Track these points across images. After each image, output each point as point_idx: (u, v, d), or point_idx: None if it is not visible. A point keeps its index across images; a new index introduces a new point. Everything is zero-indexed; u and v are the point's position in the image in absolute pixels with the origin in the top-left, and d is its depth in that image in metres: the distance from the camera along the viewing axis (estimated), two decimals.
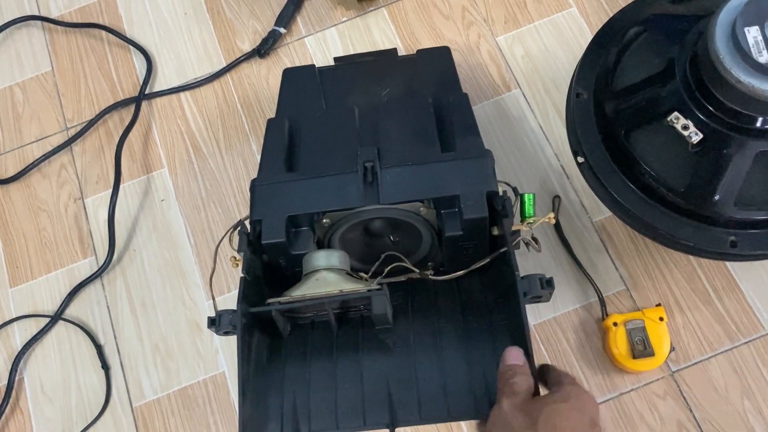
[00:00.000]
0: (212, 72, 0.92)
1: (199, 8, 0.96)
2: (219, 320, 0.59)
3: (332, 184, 0.64)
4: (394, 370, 0.61)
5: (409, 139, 0.68)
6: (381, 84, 0.79)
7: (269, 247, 0.62)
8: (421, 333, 0.64)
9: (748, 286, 0.76)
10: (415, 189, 0.63)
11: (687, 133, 0.60)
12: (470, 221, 0.61)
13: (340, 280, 0.61)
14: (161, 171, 0.89)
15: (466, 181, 0.62)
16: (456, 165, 0.63)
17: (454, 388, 0.60)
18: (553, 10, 0.90)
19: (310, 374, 0.62)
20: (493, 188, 0.62)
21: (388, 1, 0.94)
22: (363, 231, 0.68)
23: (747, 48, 0.55)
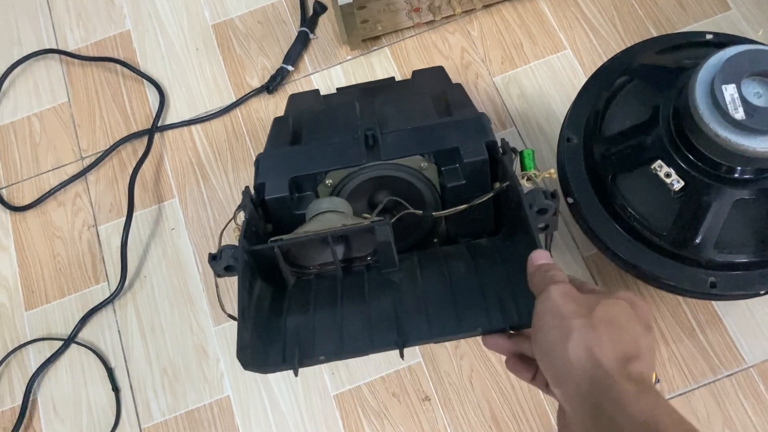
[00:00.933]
0: (222, 106, 0.97)
1: (210, 44, 1.01)
2: (220, 254, 0.59)
3: (334, 148, 0.67)
4: (402, 299, 0.59)
5: (407, 112, 0.72)
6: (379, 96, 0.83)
7: (273, 203, 0.64)
8: (429, 270, 0.62)
9: (730, 321, 0.80)
10: (416, 145, 0.66)
11: (669, 180, 0.64)
12: (471, 165, 0.63)
13: (342, 218, 0.63)
14: (172, 201, 0.93)
15: (464, 136, 0.65)
16: (453, 124, 0.67)
17: (465, 306, 0.57)
18: (548, 52, 0.95)
19: (314, 314, 0.59)
20: (491, 138, 0.65)
21: (390, 41, 0.98)
22: (366, 202, 0.69)
23: (724, 105, 0.59)
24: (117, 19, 1.04)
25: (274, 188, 0.65)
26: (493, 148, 0.65)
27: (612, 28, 0.95)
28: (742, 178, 0.63)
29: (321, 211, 0.63)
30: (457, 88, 0.75)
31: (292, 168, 0.66)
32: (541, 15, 0.97)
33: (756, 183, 0.64)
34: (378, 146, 0.66)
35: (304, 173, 0.65)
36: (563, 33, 0.95)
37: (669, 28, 0.94)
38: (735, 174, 0.63)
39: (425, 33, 0.98)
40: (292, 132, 0.73)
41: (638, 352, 0.43)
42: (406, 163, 0.66)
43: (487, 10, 0.98)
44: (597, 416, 0.42)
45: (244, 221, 0.61)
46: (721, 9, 0.94)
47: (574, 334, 0.43)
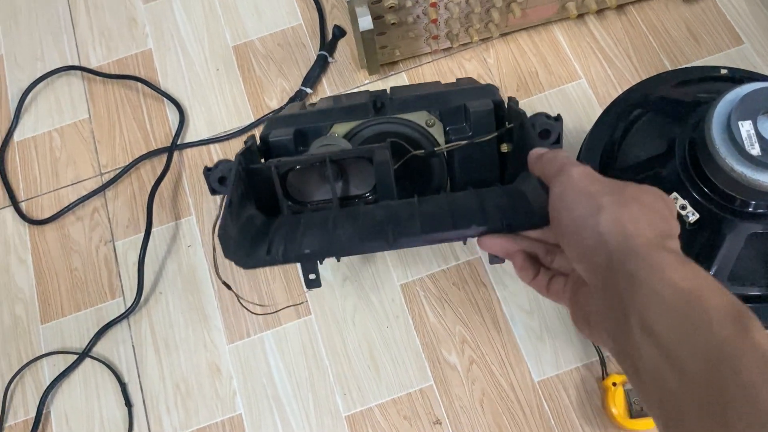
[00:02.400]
0: (241, 126, 0.98)
1: (231, 65, 1.03)
2: (216, 165, 0.58)
3: (342, 109, 0.68)
4: (396, 212, 0.55)
5: (417, 89, 0.73)
6: None
7: (276, 144, 0.64)
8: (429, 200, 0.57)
9: None
10: (422, 103, 0.67)
11: (684, 212, 0.65)
12: (476, 115, 0.63)
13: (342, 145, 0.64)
14: (189, 218, 0.94)
15: (472, 97, 0.66)
16: (461, 90, 0.68)
17: (461, 212, 0.53)
18: (563, 81, 0.96)
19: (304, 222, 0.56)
20: (498, 98, 0.65)
21: (408, 66, 1.00)
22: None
23: (740, 140, 0.60)
24: (139, 38, 1.06)
25: (278, 134, 0.66)
26: (500, 106, 0.64)
27: (626, 59, 0.96)
28: (757, 212, 0.64)
29: (323, 144, 0.64)
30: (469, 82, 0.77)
31: (299, 123, 0.67)
32: (557, 44, 0.98)
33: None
34: (385, 108, 0.68)
35: (308, 125, 0.67)
36: (578, 62, 0.97)
37: (683, 60, 0.95)
38: (749, 208, 0.64)
39: (442, 59, 0.99)
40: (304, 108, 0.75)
41: (673, 233, 0.41)
42: (412, 119, 0.66)
43: (503, 38, 0.99)
44: (632, 285, 0.38)
45: (245, 144, 0.61)
46: (734, 43, 0.96)
47: (606, 209, 0.40)
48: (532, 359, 0.82)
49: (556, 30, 0.99)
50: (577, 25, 0.99)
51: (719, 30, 0.97)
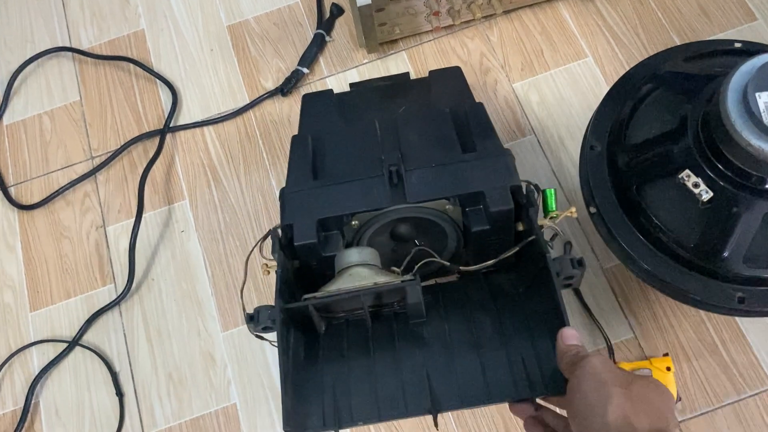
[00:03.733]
0: (235, 108, 0.95)
1: (225, 45, 1.00)
2: (257, 316, 0.61)
3: (359, 187, 0.66)
4: (432, 360, 0.62)
5: (430, 143, 0.71)
6: (397, 101, 0.82)
7: (301, 248, 0.64)
8: (456, 324, 0.65)
9: (755, 339, 0.77)
10: (441, 187, 0.65)
11: (697, 191, 0.62)
12: (496, 214, 0.63)
13: (373, 274, 0.63)
14: (182, 202, 0.91)
15: (489, 178, 0.64)
16: (478, 164, 0.66)
17: (493, 373, 0.60)
18: (569, 60, 0.93)
19: (349, 368, 0.63)
20: (516, 183, 0.64)
21: (408, 45, 0.96)
22: (389, 235, 0.70)
23: (758, 112, 0.57)
24: (131, 18, 1.03)
25: (301, 233, 0.64)
26: (518, 192, 0.64)
27: (635, 36, 0.93)
28: None
29: (351, 264, 0.63)
30: (479, 110, 0.73)
31: (318, 209, 0.65)
32: (563, 22, 0.95)
33: None
34: (402, 184, 0.65)
35: (330, 215, 0.65)
36: (584, 41, 0.93)
37: (693, 37, 0.92)
38: (766, 185, 0.61)
39: (444, 38, 0.96)
40: (313, 158, 0.72)
41: (670, 428, 0.48)
42: (432, 206, 0.65)
43: (507, 15, 0.96)
44: None
45: (277, 279, 0.61)
46: (747, 19, 0.92)
47: (614, 400, 0.47)
48: None
49: (562, 7, 0.96)
50: (583, 2, 0.95)
51: (731, 5, 0.93)
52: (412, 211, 0.65)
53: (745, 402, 0.75)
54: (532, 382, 0.58)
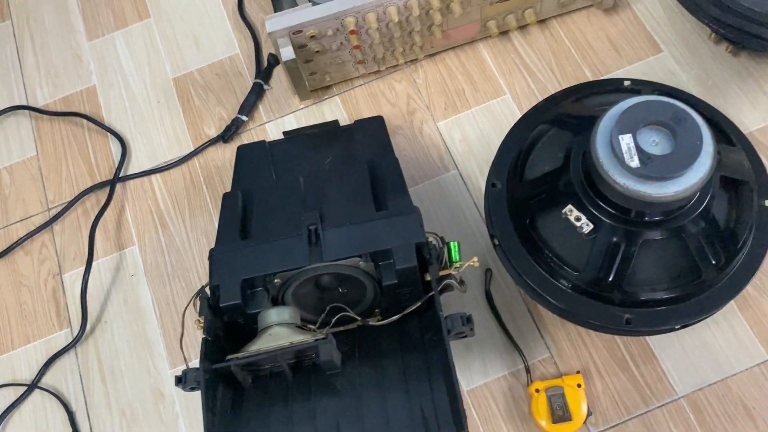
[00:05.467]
0: (181, 156, 1.01)
1: (171, 97, 1.06)
2: (185, 378, 0.67)
3: (281, 247, 0.73)
4: (343, 408, 0.69)
5: (347, 201, 0.78)
6: (324, 152, 0.89)
7: (227, 308, 0.71)
8: (367, 373, 0.72)
9: (662, 354, 0.82)
10: (354, 245, 0.71)
11: (579, 224, 0.68)
12: (402, 270, 0.69)
13: (290, 333, 0.69)
14: (132, 248, 0.97)
15: (397, 235, 0.71)
16: (388, 222, 0.72)
17: (395, 419, 0.68)
18: (488, 97, 0.99)
19: (269, 419, 0.70)
20: (422, 240, 0.71)
21: (341, 90, 1.03)
22: (314, 285, 0.76)
23: (620, 154, 0.63)
24: (84, 75, 1.10)
25: (227, 294, 0.70)
26: (424, 248, 0.70)
27: (549, 72, 0.99)
28: (645, 220, 0.67)
29: (270, 324, 0.70)
30: (394, 166, 0.80)
31: (242, 269, 0.71)
32: (483, 62, 1.01)
33: (665, 224, 0.68)
34: (320, 243, 0.71)
35: (254, 275, 0.71)
36: (503, 79, 1.00)
37: (604, 71, 0.98)
38: (642, 217, 0.67)
39: (373, 82, 1.03)
40: (242, 216, 0.79)
41: None
42: (347, 262, 0.71)
43: (431, 58, 1.03)
44: None
45: (203, 340, 0.68)
46: (653, 52, 0.99)
47: None
48: (462, 369, 0.85)
49: (482, 48, 1.02)
50: (501, 42, 1.02)
51: (639, 40, 1.00)
52: (329, 268, 0.72)
53: (653, 413, 0.80)
54: (428, 426, 0.65)
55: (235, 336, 0.74)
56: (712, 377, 0.81)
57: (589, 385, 0.82)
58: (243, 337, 0.73)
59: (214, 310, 0.71)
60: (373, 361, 0.72)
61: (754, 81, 0.94)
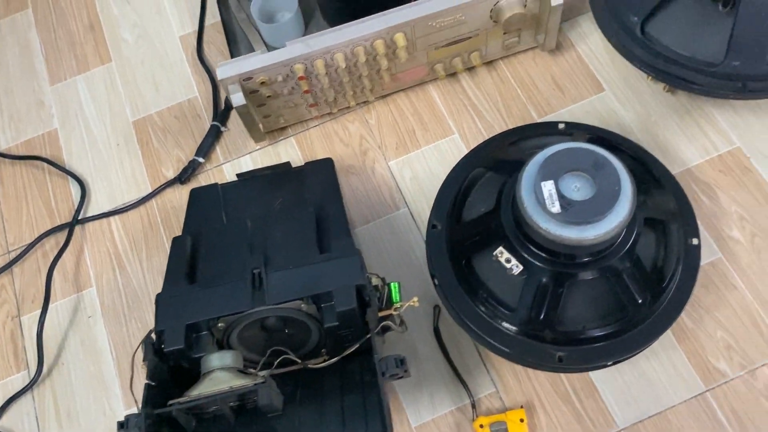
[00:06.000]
0: (139, 197, 1.04)
1: (131, 139, 1.09)
2: (127, 423, 0.68)
3: (225, 291, 0.75)
4: None
5: (292, 244, 0.80)
6: (275, 194, 0.91)
7: (171, 353, 0.72)
8: (307, 415, 0.73)
9: (603, 387, 0.85)
10: (296, 289, 0.73)
11: (509, 265, 0.71)
12: (342, 312, 0.71)
13: (231, 377, 0.71)
14: (90, 289, 0.99)
15: (338, 278, 0.73)
16: (330, 264, 0.75)
17: None
18: (438, 137, 1.02)
19: None
20: (361, 282, 0.73)
21: (296, 131, 1.06)
22: (260, 328, 0.77)
23: (542, 199, 0.66)
24: (46, 119, 1.12)
25: (170, 339, 0.72)
26: (363, 291, 0.73)
27: (496, 112, 1.02)
28: (579, 261, 0.70)
29: (211, 369, 0.71)
30: (339, 209, 0.83)
31: (187, 314, 0.74)
32: (432, 103, 1.05)
33: (592, 264, 0.71)
34: (264, 287, 0.74)
35: (197, 320, 0.73)
36: (451, 119, 1.03)
37: (549, 110, 1.01)
38: (571, 258, 0.70)
39: (328, 123, 1.06)
40: (190, 260, 0.81)
41: None
42: (290, 305, 0.73)
43: (383, 99, 1.06)
44: None
45: (145, 386, 0.70)
46: (596, 91, 1.02)
47: None
48: (411, 405, 0.87)
49: (432, 89, 1.06)
50: (450, 83, 1.06)
51: (583, 79, 1.03)
52: (272, 311, 0.74)
53: None
54: None
55: (183, 379, 0.75)
56: (651, 409, 0.83)
57: (533, 419, 0.84)
58: (190, 380, 0.74)
59: (159, 354, 0.73)
60: (313, 402, 0.74)
61: (692, 118, 0.98)
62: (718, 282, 0.88)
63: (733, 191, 0.93)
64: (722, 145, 0.96)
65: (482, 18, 0.94)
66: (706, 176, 0.94)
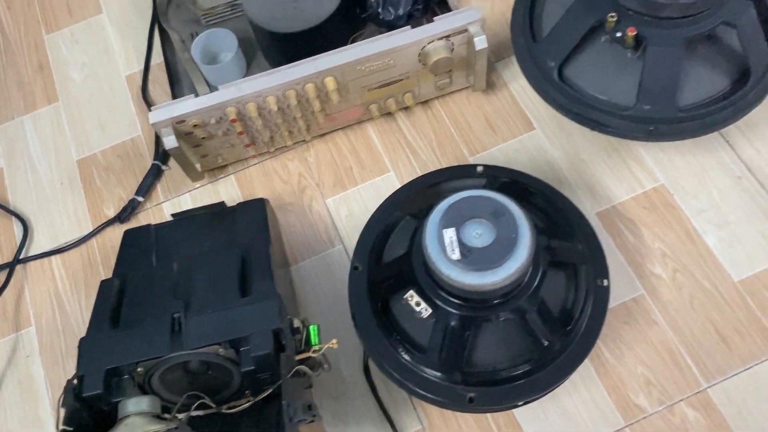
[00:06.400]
0: (80, 236, 1.05)
1: (75, 178, 1.10)
2: None
3: (145, 335, 0.76)
4: None
5: (215, 287, 0.81)
6: (207, 235, 0.93)
7: (90, 398, 0.73)
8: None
9: (526, 424, 0.86)
10: (214, 333, 0.75)
11: (419, 309, 0.73)
12: (258, 357, 0.73)
13: (145, 423, 0.71)
14: (29, 329, 1.00)
15: (256, 322, 0.75)
16: (249, 308, 0.76)
17: None
18: (374, 175, 1.04)
19: None
20: (278, 326, 0.74)
21: (236, 169, 1.08)
22: (183, 370, 0.78)
23: (443, 247, 0.68)
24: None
25: (89, 384, 0.73)
26: (280, 335, 0.74)
27: (430, 150, 1.05)
28: (488, 304, 0.72)
29: (126, 414, 0.72)
30: (264, 252, 0.84)
31: (107, 359, 0.75)
32: (369, 141, 1.07)
33: (499, 307, 0.72)
34: (183, 331, 0.75)
35: (117, 365, 0.74)
36: (387, 157, 1.05)
37: (480, 148, 1.04)
38: (479, 302, 0.71)
39: (267, 160, 1.08)
40: (115, 304, 0.82)
41: None
42: (207, 351, 0.75)
43: (322, 138, 1.08)
44: None
45: None
46: (527, 129, 1.05)
47: None
48: None
49: (370, 128, 1.08)
50: (387, 122, 1.08)
51: (514, 118, 1.06)
52: (190, 356, 0.75)
53: None
54: None
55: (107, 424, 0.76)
56: None
57: None
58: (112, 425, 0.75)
59: (79, 400, 0.74)
60: None
61: (619, 156, 1.01)
62: (640, 318, 0.90)
63: (656, 228, 0.95)
64: (648, 182, 0.98)
65: (411, 62, 0.97)
66: (631, 213, 0.97)
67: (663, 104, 0.82)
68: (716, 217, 0.95)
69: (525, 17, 0.92)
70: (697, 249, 0.94)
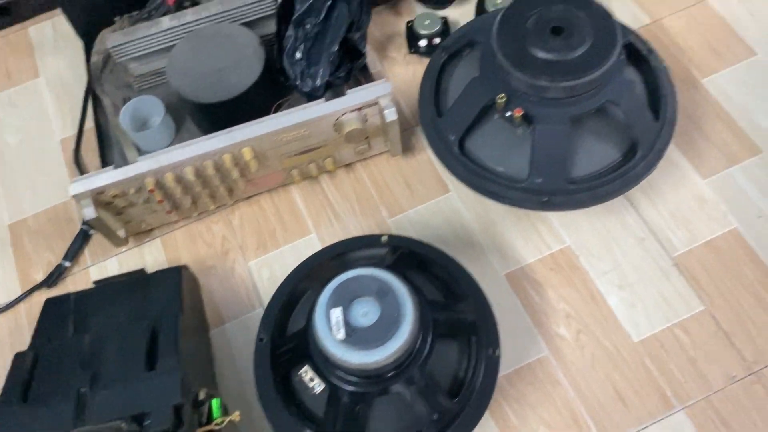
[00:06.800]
0: (8, 301, 1.07)
1: (5, 243, 1.13)
2: None
3: (50, 411, 0.78)
4: None
5: (122, 360, 0.84)
6: (122, 305, 0.94)
7: None
8: None
9: None
10: (117, 408, 0.77)
11: (312, 384, 0.75)
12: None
13: None
14: None
15: (158, 397, 0.77)
16: (153, 383, 0.79)
17: None
18: (296, 237, 1.08)
19: None
20: (179, 401, 0.77)
21: (163, 232, 1.11)
22: None
23: (329, 326, 0.71)
24: None
25: None
26: (181, 410, 0.76)
27: (352, 213, 1.08)
28: (376, 380, 0.75)
29: None
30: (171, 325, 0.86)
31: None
32: (293, 204, 1.11)
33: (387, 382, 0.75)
34: (87, 406, 0.78)
35: None
36: (311, 219, 1.09)
37: (398, 211, 1.08)
38: (371, 377, 0.74)
39: (193, 224, 1.11)
40: (27, 377, 0.84)
41: None
42: (109, 426, 0.77)
43: (248, 200, 1.11)
44: None
45: None
46: (442, 192, 1.09)
47: None
48: None
49: (294, 190, 1.12)
50: (311, 185, 1.12)
51: (431, 181, 1.10)
52: (93, 430, 0.77)
53: None
54: None
55: None
56: None
57: None
58: None
59: None
60: None
61: (528, 219, 1.05)
62: (544, 378, 0.94)
63: (561, 289, 0.99)
64: (554, 244, 1.03)
65: (327, 131, 1.01)
66: (538, 274, 1.01)
67: (554, 177, 0.86)
68: (618, 278, 0.99)
69: (431, 90, 0.96)
70: (599, 309, 0.98)
